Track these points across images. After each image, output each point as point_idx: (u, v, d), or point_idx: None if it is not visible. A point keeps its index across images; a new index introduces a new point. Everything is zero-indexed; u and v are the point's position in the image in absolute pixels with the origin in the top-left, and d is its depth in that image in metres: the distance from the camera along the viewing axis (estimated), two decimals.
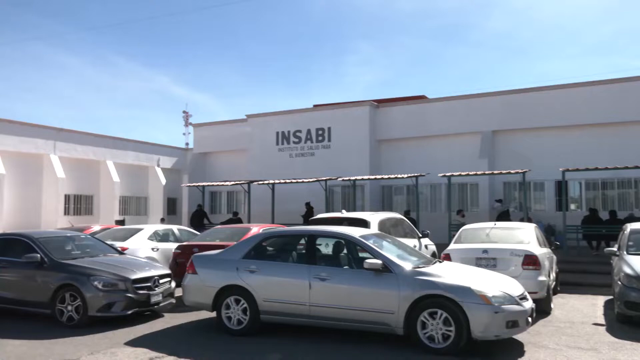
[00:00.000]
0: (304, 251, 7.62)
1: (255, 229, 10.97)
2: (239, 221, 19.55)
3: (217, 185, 22.44)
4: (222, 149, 26.34)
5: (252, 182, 20.52)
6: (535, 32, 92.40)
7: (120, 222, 23.60)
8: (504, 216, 16.80)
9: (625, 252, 8.98)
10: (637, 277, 7.94)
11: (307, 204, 20.03)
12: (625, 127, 17.96)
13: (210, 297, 7.63)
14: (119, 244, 11.25)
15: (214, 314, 7.83)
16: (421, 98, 23.37)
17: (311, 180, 19.13)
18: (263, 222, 15.67)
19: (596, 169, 15.72)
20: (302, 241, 7.76)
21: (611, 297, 9.23)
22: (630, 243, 9.23)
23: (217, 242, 10.50)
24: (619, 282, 8.25)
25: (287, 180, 19.82)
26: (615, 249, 9.63)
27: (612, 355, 6.43)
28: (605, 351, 6.60)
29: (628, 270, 8.18)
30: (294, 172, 22.20)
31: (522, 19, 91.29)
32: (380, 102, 22.83)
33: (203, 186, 22.04)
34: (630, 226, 9.97)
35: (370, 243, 7.19)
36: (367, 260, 6.81)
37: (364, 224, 10.14)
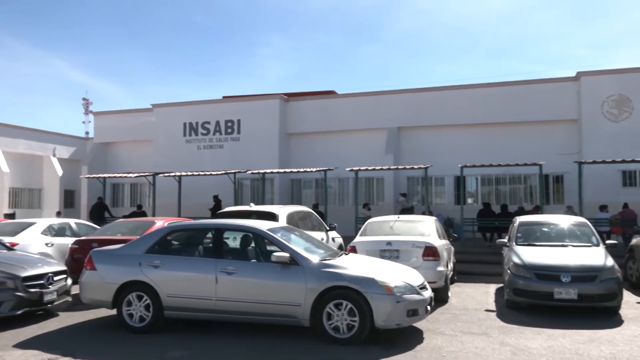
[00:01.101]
0: (210, 245, 7.48)
1: (160, 223, 10.62)
2: (143, 215, 18.83)
3: (120, 176, 21.46)
4: (126, 139, 25.20)
5: (158, 174, 19.84)
6: (440, 34, 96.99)
7: (10, 216, 21.84)
8: (408, 211, 17.51)
9: (514, 243, 9.69)
10: (524, 266, 8.60)
11: (215, 197, 19.70)
12: (518, 127, 19.34)
13: (110, 294, 7.29)
14: (7, 239, 10.43)
15: (114, 312, 7.49)
16: (331, 93, 23.73)
17: (220, 173, 18.82)
18: (169, 216, 15.19)
19: (490, 165, 16.80)
20: (209, 235, 7.62)
21: (502, 285, 9.91)
22: (519, 235, 9.98)
23: (119, 237, 10.07)
24: (509, 271, 8.90)
25: (195, 173, 19.36)
26: (505, 240, 10.37)
27: (501, 338, 6.92)
28: (495, 335, 7.09)
29: (516, 260, 8.85)
30: (202, 165, 21.74)
31: (428, 21, 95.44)
32: (291, 95, 22.92)
33: (104, 178, 20.98)
34: (519, 219, 10.78)
35: (278, 236, 7.20)
36: (275, 254, 6.82)
37: (272, 217, 10.14)
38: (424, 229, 10.21)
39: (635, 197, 16.59)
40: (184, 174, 19.42)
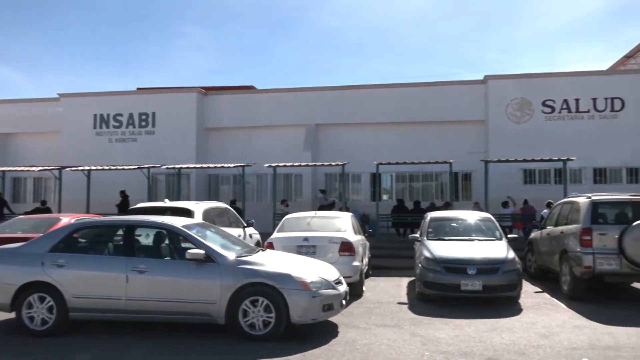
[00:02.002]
0: (121, 243, 7.18)
1: (66, 220, 10.07)
2: (48, 211, 17.71)
3: (21, 170, 20.07)
4: (29, 130, 23.51)
5: (64, 167, 18.75)
6: (360, 33, 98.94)
7: None
8: (329, 207, 17.74)
9: (425, 238, 10.09)
10: (434, 260, 8.98)
11: (122, 192, 18.87)
12: (431, 127, 20.14)
13: (8, 296, 6.81)
14: None
15: (12, 315, 7.00)
16: (250, 88, 23.53)
17: (132, 167, 18.10)
18: (76, 212, 14.39)
19: (405, 163, 17.40)
20: (120, 232, 7.31)
21: (414, 278, 10.29)
22: (430, 230, 10.41)
23: (19, 235, 9.46)
24: (420, 265, 9.26)
25: (105, 167, 18.49)
26: (417, 235, 10.77)
27: (412, 329, 7.19)
28: (406, 327, 7.36)
29: (427, 254, 9.22)
30: (114, 159, 20.80)
31: (349, 20, 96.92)
32: (209, 89, 22.46)
33: (3, 171, 19.52)
34: (430, 215, 11.24)
35: (193, 233, 7.04)
36: (190, 251, 6.67)
37: (187, 213, 9.90)
38: (341, 225, 10.38)
39: (535, 194, 17.81)
40: (93, 168, 18.50)
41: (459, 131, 19.95)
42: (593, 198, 9.58)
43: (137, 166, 18.10)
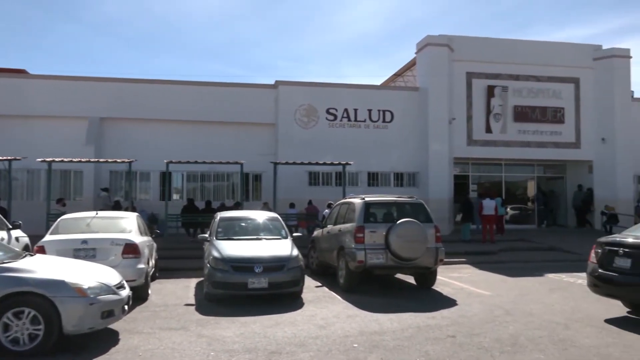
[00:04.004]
0: None
1: None
2: None
3: None
4: None
5: None
6: (150, 24, 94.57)
7: None
8: (115, 207, 16.60)
9: (214, 238, 10.10)
10: (222, 260, 9.04)
11: None
12: (223, 127, 20.17)
13: None
14: None
15: None
16: (21, 72, 20.81)
17: None
18: None
19: (196, 162, 17.18)
20: None
21: (202, 279, 10.22)
22: (219, 229, 10.44)
23: None
24: (208, 265, 9.23)
25: None
26: (207, 235, 10.72)
27: (199, 331, 7.13)
28: (193, 328, 7.27)
29: (216, 254, 9.24)
30: None
31: (136, 9, 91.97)
32: None
33: None
34: (220, 214, 11.29)
35: None
36: None
37: None
38: (125, 225, 9.81)
39: (319, 195, 19.11)
40: None
41: (250, 133, 20.40)
42: (366, 199, 10.66)
43: None
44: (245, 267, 8.93)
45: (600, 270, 7.86)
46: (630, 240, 7.68)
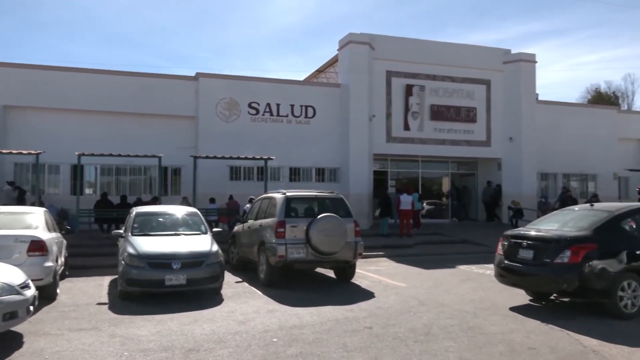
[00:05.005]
0: None
1: None
2: None
3: None
4: None
5: None
6: (59, 8, 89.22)
7: None
8: (20, 202, 15.57)
9: (130, 234, 9.73)
10: (138, 256, 8.74)
11: None
12: (141, 119, 19.39)
13: None
14: None
15: None
16: None
17: None
18: None
19: (111, 155, 16.46)
20: None
21: (116, 276, 9.82)
22: (135, 225, 10.07)
23: None
24: (123, 262, 8.89)
25: None
26: (122, 231, 10.31)
27: (112, 330, 6.85)
28: (105, 328, 6.97)
29: (131, 250, 8.91)
30: None
31: None
32: None
33: None
34: (136, 210, 10.89)
35: None
36: None
37: None
38: (31, 221, 9.23)
39: (240, 190, 18.90)
40: None
41: (169, 125, 19.79)
42: (287, 194, 10.69)
43: None
44: (163, 264, 8.69)
45: (506, 262, 8.37)
46: (533, 233, 8.23)
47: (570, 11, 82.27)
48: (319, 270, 12.10)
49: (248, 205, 15.23)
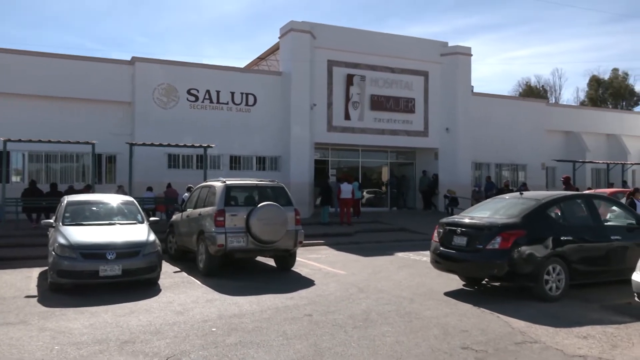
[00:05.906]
0: None
1: None
2: None
3: None
4: None
5: None
6: None
7: None
8: None
9: (61, 224, 9.33)
10: (70, 247, 8.40)
11: None
12: (73, 103, 18.57)
13: None
14: None
15: None
16: None
17: None
18: None
19: (40, 141, 15.68)
20: None
21: (46, 268, 9.41)
22: (67, 214, 9.67)
23: None
24: (53, 253, 8.52)
25: None
26: (52, 221, 9.88)
27: (41, 324, 6.57)
28: (34, 322, 6.68)
29: (62, 241, 8.56)
30: None
31: None
32: None
33: None
34: (67, 198, 10.44)
35: None
36: None
37: None
38: None
39: (179, 178, 18.48)
40: None
41: (104, 111, 19.05)
42: (227, 182, 10.56)
43: None
44: (96, 254, 8.41)
45: (441, 248, 8.64)
46: (466, 220, 8.53)
47: (505, 7, 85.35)
48: (259, 259, 12.06)
49: (187, 194, 14.96)
